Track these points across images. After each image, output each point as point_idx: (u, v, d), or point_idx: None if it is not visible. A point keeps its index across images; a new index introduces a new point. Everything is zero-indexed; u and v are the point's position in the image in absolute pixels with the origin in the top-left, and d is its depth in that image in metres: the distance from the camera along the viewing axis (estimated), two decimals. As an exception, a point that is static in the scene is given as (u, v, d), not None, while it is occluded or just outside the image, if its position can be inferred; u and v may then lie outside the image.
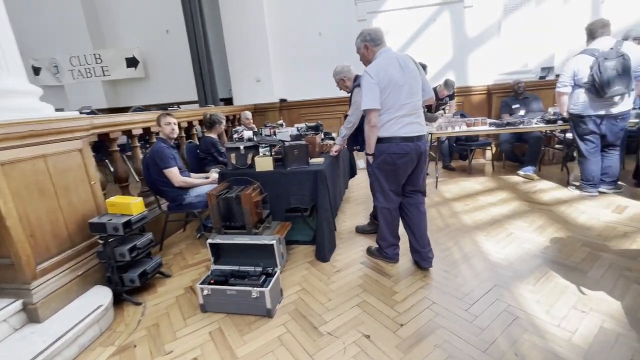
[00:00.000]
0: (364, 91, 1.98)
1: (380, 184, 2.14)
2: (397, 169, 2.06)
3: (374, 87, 1.94)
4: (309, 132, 3.10)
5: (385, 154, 2.04)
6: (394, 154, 2.02)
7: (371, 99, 1.94)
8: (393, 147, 2.01)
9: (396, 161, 2.03)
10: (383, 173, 2.10)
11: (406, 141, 2.00)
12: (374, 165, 2.12)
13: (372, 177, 2.18)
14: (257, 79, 5.52)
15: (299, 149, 2.33)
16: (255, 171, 2.39)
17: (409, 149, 2.01)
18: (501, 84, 4.87)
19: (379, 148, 2.05)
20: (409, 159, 2.04)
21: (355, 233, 2.92)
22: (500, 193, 3.61)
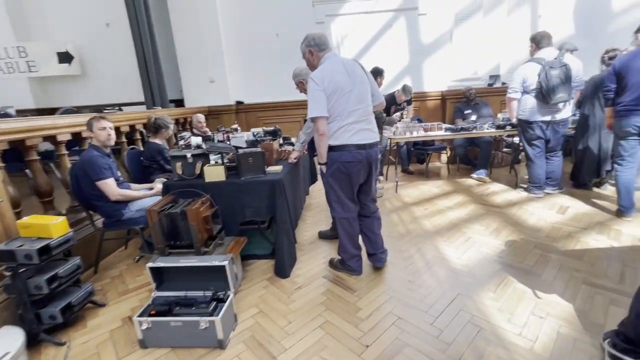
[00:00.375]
0: (309, 98, 1.87)
1: (336, 193, 2.05)
2: (351, 178, 2.00)
3: (319, 94, 1.84)
4: (266, 137, 2.91)
5: (338, 163, 1.95)
6: (347, 162, 1.94)
7: (317, 106, 1.84)
8: (346, 156, 1.93)
9: (349, 170, 1.96)
10: (338, 182, 2.01)
11: (359, 149, 1.94)
12: (328, 174, 2.02)
13: (327, 187, 2.08)
14: (210, 79, 5.19)
15: (254, 157, 2.14)
16: (205, 182, 2.15)
17: (361, 157, 1.95)
18: (454, 90, 5.06)
19: (332, 157, 1.96)
20: (362, 167, 1.99)
21: (318, 240, 2.82)
22: (457, 196, 3.70)
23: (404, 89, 4.41)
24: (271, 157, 2.47)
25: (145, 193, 2.47)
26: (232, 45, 5.18)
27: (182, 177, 2.18)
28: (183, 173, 2.20)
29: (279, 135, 3.20)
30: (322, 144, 1.93)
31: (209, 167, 2.13)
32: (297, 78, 2.77)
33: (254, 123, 5.47)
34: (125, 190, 2.38)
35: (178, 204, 2.02)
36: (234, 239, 2.16)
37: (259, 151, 2.16)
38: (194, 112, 4.57)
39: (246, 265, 2.45)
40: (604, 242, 2.45)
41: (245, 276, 2.30)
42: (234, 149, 2.22)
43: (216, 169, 2.13)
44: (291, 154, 2.88)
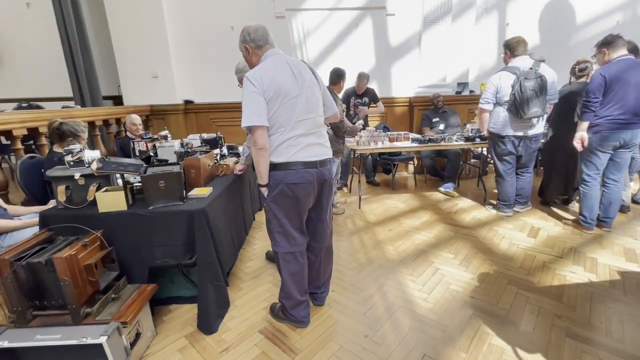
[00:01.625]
0: (244, 102, 1.44)
1: (279, 222, 1.60)
2: (299, 202, 1.58)
3: (257, 97, 1.42)
4: (198, 148, 2.38)
5: (282, 185, 1.53)
6: (294, 184, 1.52)
7: (254, 113, 1.42)
8: (292, 176, 1.51)
9: (296, 192, 1.54)
10: (282, 208, 1.58)
11: (308, 167, 1.54)
12: (269, 199, 1.57)
13: (269, 214, 1.62)
14: (153, 74, 4.52)
15: (166, 180, 1.63)
16: (99, 212, 1.60)
17: (311, 177, 1.55)
18: (422, 97, 4.79)
19: (274, 177, 1.53)
20: (312, 188, 1.58)
21: (264, 264, 2.41)
22: (424, 214, 3.37)
23: (360, 76, 4.04)
24: (198, 177, 1.96)
25: (23, 222, 1.86)
26: (180, 37, 4.55)
27: (67, 205, 1.61)
28: (69, 200, 1.63)
29: (220, 144, 2.68)
30: (261, 161, 1.49)
31: (103, 194, 1.58)
32: (240, 74, 2.30)
33: (206, 125, 4.87)
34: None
35: (53, 244, 1.46)
36: (138, 288, 1.63)
37: (173, 172, 1.64)
38: (128, 111, 3.91)
39: (164, 313, 1.92)
40: (581, 275, 2.19)
41: (160, 331, 1.77)
42: (142, 166, 1.69)
43: (113, 195, 1.58)
44: (236, 166, 2.39)
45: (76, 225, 1.49)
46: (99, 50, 4.85)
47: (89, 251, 1.43)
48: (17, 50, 4.96)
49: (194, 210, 1.62)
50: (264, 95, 1.42)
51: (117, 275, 1.58)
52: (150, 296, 1.62)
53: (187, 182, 1.97)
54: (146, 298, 1.59)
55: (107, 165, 1.58)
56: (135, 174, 1.59)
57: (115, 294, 1.51)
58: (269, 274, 2.31)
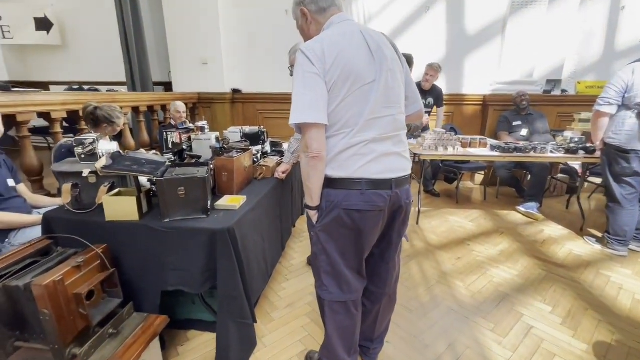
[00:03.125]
0: (296, 88, 1.00)
1: (329, 259, 1.14)
2: (361, 236, 1.10)
3: (314, 82, 0.97)
4: (237, 144, 2.02)
5: (339, 210, 1.07)
6: (356, 210, 1.05)
7: (309, 105, 0.98)
8: (354, 199, 1.05)
9: (359, 223, 1.07)
10: (335, 241, 1.12)
11: (378, 187, 1.06)
12: (319, 227, 1.12)
13: (317, 247, 1.16)
14: (203, 61, 4.33)
15: (188, 187, 1.26)
16: (105, 221, 1.28)
17: (382, 203, 1.07)
18: (500, 95, 4.02)
19: (329, 197, 1.08)
20: (382, 218, 1.10)
21: (303, 283, 2.04)
22: (500, 240, 2.72)
23: (432, 67, 3.51)
24: (231, 181, 1.58)
25: (36, 218, 1.63)
26: (232, 22, 4.28)
27: (71, 209, 1.32)
28: (78, 201, 1.34)
29: (262, 141, 2.31)
30: (313, 174, 1.04)
31: (112, 198, 1.26)
32: (294, 55, 1.90)
33: (252, 117, 4.61)
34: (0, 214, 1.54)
35: (47, 258, 1.16)
36: (145, 319, 1.29)
37: (197, 178, 1.26)
38: (175, 98, 3.73)
39: (180, 340, 1.59)
40: None
41: (171, 367, 1.44)
42: (163, 166, 1.34)
43: (123, 201, 1.26)
44: (279, 167, 2.00)
45: (73, 237, 1.18)
46: (154, 36, 4.78)
47: (83, 274, 1.11)
48: (81, 35, 5.09)
49: (218, 230, 1.24)
50: (326, 78, 0.97)
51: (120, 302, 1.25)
52: (159, 331, 1.28)
53: (217, 187, 1.61)
54: (153, 334, 1.25)
55: (118, 163, 1.25)
56: (150, 177, 1.24)
57: (115, 328, 1.19)
58: (307, 302, 1.89)
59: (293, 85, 1.00)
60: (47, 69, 5.34)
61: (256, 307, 1.80)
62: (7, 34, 4.85)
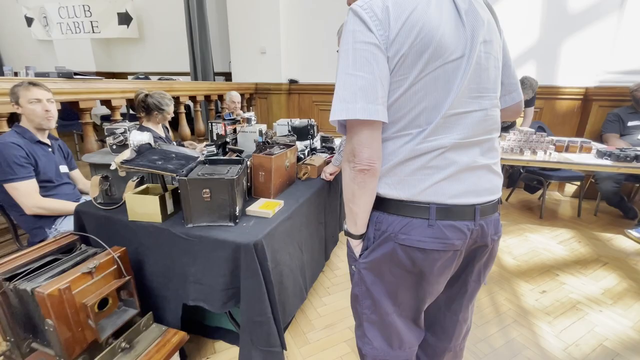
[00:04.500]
0: (341, 66, 0.70)
1: (375, 305, 0.84)
2: (423, 280, 0.79)
3: (370, 55, 0.66)
4: (287, 136, 1.81)
5: (393, 244, 0.75)
6: (419, 249, 0.73)
7: (361, 91, 0.67)
8: (418, 231, 0.73)
9: (423, 265, 0.75)
10: (385, 284, 0.81)
11: (456, 217, 0.73)
12: (363, 263, 0.81)
13: (358, 288, 0.86)
14: (261, 50, 4.24)
15: (213, 188, 1.07)
16: (128, 220, 1.17)
17: (459, 241, 0.74)
18: (610, 88, 3.21)
19: (380, 225, 0.77)
20: (455, 259, 0.77)
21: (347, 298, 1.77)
22: (603, 273, 2.12)
23: (524, 83, 2.85)
24: (268, 183, 1.37)
25: (77, 206, 1.61)
26: (291, 11, 4.11)
27: (98, 204, 1.23)
28: (107, 195, 1.25)
29: (310, 134, 2.07)
30: (360, 194, 0.74)
31: (135, 196, 1.13)
32: None
33: (308, 109, 4.43)
34: (46, 200, 1.55)
35: (68, 257, 1.08)
36: (163, 333, 1.15)
37: (224, 179, 1.06)
38: (231, 88, 3.70)
39: (206, 352, 1.45)
40: None
41: (192, 384, 1.30)
42: (192, 163, 1.18)
43: (145, 201, 1.12)
44: (326, 168, 1.76)
45: (89, 235, 1.07)
46: (218, 27, 4.85)
47: (95, 281, 0.99)
48: (154, 29, 5.41)
49: (243, 244, 1.03)
50: (389, 52, 0.66)
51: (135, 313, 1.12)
52: (177, 348, 1.13)
53: (253, 188, 1.41)
54: (169, 353, 1.10)
55: (142, 158, 1.12)
56: (172, 175, 1.08)
57: (128, 342, 1.06)
58: (348, 325, 1.63)
59: (338, 65, 0.72)
60: (128, 60, 5.80)
61: (290, 324, 1.59)
62: (95, 28, 5.36)
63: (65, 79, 1.99)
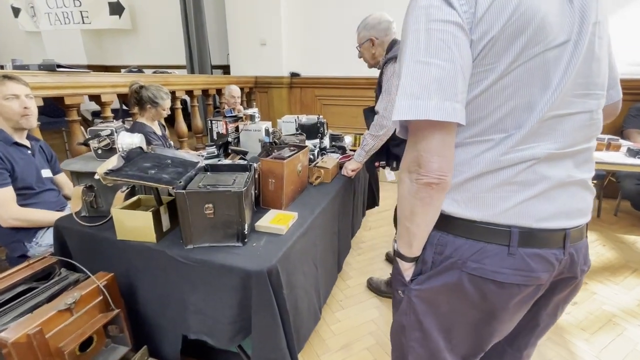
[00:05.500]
0: (408, 52, 0.52)
1: (426, 341, 0.68)
2: (492, 319, 0.63)
3: (450, 38, 0.50)
4: (296, 136, 1.63)
5: (459, 273, 0.60)
6: (494, 281, 0.58)
7: (436, 83, 0.50)
8: (494, 260, 0.57)
9: (495, 301, 0.60)
10: (440, 317, 0.66)
11: (543, 245, 0.57)
12: (416, 291, 0.66)
13: (406, 319, 0.69)
14: (262, 41, 4.02)
15: (217, 203, 0.89)
16: (117, 239, 0.99)
17: (546, 273, 0.59)
18: (632, 81, 3.04)
19: (443, 249, 0.62)
20: (535, 294, 0.62)
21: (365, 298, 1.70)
22: (634, 281, 1.97)
23: None
24: (279, 191, 1.19)
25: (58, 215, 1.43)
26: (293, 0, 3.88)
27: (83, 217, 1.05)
28: (93, 208, 1.07)
29: (320, 133, 1.89)
30: (423, 212, 0.58)
31: (123, 211, 0.95)
32: (365, 32, 1.46)
33: (310, 103, 4.23)
34: (24, 211, 1.36)
35: (41, 288, 0.90)
36: (160, 372, 0.98)
37: (231, 193, 0.88)
38: (230, 82, 3.49)
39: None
40: None
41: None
42: (191, 171, 0.99)
43: (134, 216, 0.94)
44: (348, 164, 1.59)
45: (68, 260, 0.89)
46: (215, 17, 4.61)
47: (75, 318, 0.81)
48: (148, 19, 5.15)
49: (253, 272, 0.85)
50: (473, 35, 0.51)
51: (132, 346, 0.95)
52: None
53: (261, 197, 1.23)
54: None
55: (131, 165, 0.93)
56: (167, 187, 0.90)
57: (117, 386, 0.89)
58: (366, 346, 1.47)
59: (401, 53, 0.55)
60: (120, 53, 5.55)
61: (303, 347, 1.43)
62: (85, 19, 5.09)
63: (47, 72, 1.79)
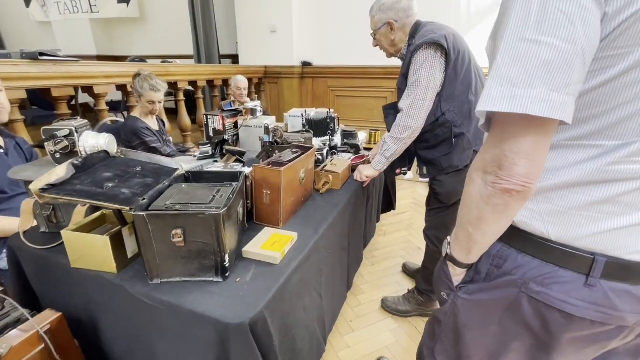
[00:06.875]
0: (512, 23, 0.38)
1: (457, 347, 0.60)
2: (552, 350, 0.51)
3: (575, 11, 0.35)
4: (301, 134, 1.40)
5: (517, 291, 0.50)
6: (561, 312, 0.47)
7: (546, 68, 0.36)
8: (567, 289, 0.47)
9: (558, 331, 0.49)
10: (485, 337, 0.56)
11: (635, 281, 0.45)
12: (463, 297, 0.58)
13: (445, 319, 0.62)
14: (271, 29, 3.78)
15: (188, 228, 0.68)
16: (72, 267, 0.79)
17: (634, 315, 0.46)
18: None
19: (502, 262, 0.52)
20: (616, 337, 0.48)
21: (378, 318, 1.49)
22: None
23: None
24: (275, 204, 0.97)
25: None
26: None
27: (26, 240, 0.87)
28: (52, 223, 0.89)
29: (330, 130, 1.65)
30: (494, 219, 0.48)
31: (72, 234, 0.75)
32: (382, 14, 1.21)
33: (322, 94, 3.97)
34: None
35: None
36: None
37: (206, 216, 0.67)
38: (238, 71, 3.27)
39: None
40: None
41: None
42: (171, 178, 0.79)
43: (89, 241, 0.74)
44: (363, 171, 1.36)
45: (6, 298, 0.70)
46: (224, 5, 4.39)
47: (3, 377, 0.63)
48: (157, 6, 4.98)
49: (232, 325, 0.64)
50: (610, 5, 0.36)
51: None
52: None
53: (255, 210, 1.02)
54: None
55: (82, 178, 0.73)
56: (123, 208, 0.69)
57: None
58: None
59: (501, 26, 0.43)
60: (129, 43, 5.42)
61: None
62: (94, 7, 4.96)
63: (30, 61, 1.62)
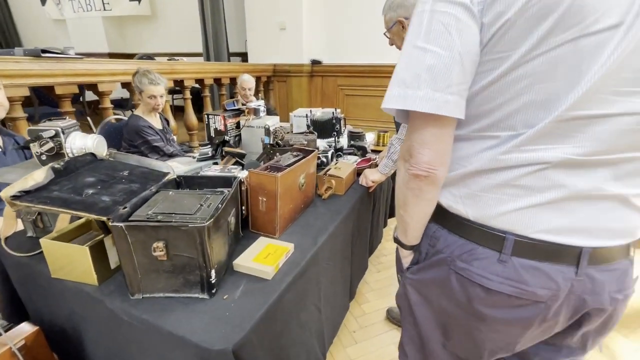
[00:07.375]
0: (409, 37, 0.44)
1: (417, 329, 0.64)
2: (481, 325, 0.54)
3: (452, 23, 0.42)
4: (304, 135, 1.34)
5: (447, 269, 0.55)
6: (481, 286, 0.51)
7: (428, 72, 0.44)
8: (483, 264, 0.51)
9: (482, 308, 0.52)
10: (433, 312, 0.61)
11: (546, 258, 0.48)
12: (410, 278, 0.62)
13: (402, 301, 0.67)
14: (281, 26, 3.72)
15: (170, 240, 0.62)
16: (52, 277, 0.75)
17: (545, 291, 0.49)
18: None
19: (435, 240, 0.57)
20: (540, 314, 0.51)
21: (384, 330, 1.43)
22: None
23: None
24: (272, 212, 0.91)
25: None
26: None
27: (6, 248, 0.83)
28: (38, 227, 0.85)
29: (335, 130, 1.58)
30: (414, 203, 0.54)
31: (52, 243, 0.70)
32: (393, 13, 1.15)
33: (332, 93, 3.90)
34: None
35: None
36: None
37: (189, 228, 0.61)
38: (245, 70, 3.23)
39: None
40: None
41: None
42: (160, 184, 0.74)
43: (68, 251, 0.69)
44: (369, 176, 1.29)
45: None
46: (234, 1, 4.35)
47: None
48: (167, 3, 4.99)
49: (215, 352, 0.58)
50: (485, 16, 0.42)
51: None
52: None
53: (250, 218, 0.96)
54: None
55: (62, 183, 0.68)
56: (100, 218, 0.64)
57: None
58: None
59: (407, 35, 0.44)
60: (140, 40, 5.45)
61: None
62: (106, 5, 5.01)
63: (32, 59, 1.60)
